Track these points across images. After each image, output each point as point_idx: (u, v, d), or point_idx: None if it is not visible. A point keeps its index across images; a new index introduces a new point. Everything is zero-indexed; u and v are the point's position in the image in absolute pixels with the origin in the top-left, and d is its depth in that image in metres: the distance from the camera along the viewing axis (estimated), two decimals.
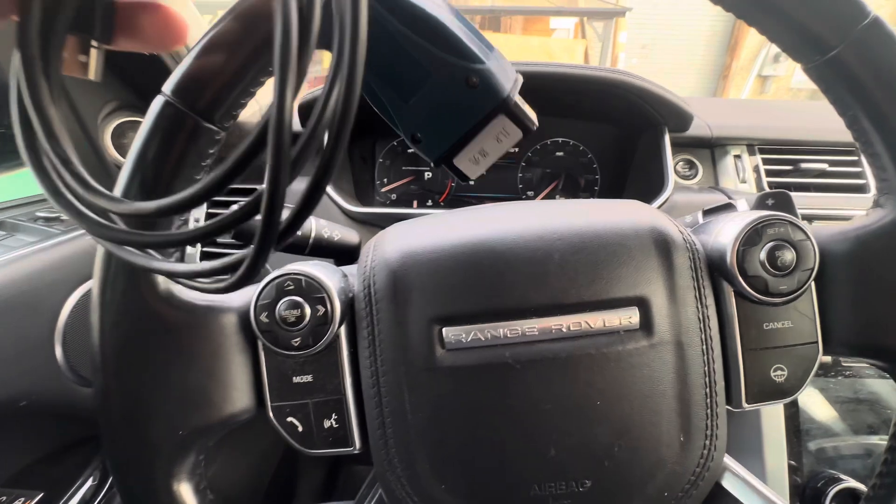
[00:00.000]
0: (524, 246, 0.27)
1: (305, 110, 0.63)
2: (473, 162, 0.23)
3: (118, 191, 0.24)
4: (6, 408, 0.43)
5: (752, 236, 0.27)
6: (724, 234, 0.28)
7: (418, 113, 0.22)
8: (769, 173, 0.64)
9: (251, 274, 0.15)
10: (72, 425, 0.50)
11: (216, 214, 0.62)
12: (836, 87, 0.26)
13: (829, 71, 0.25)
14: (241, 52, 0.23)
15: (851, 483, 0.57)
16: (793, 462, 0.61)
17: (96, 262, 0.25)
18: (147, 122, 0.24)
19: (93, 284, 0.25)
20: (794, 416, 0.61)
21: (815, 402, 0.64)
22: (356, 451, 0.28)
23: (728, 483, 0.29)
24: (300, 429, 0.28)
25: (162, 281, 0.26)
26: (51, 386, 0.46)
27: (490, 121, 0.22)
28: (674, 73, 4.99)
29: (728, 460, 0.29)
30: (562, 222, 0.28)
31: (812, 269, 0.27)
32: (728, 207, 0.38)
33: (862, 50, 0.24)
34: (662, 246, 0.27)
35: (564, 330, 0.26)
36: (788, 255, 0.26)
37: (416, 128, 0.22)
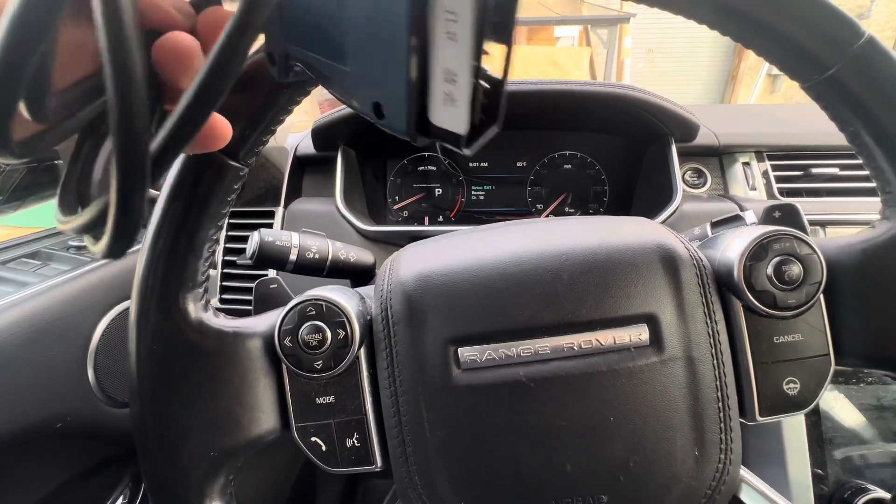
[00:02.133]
0: (534, 267, 0.28)
1: (321, 132, 0.65)
2: (448, 104, 0.14)
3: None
4: (43, 430, 0.45)
5: (758, 251, 0.27)
6: (731, 249, 0.28)
7: (364, 74, 0.16)
8: (779, 179, 0.64)
9: (123, 228, 0.13)
10: (103, 445, 0.52)
11: (236, 238, 0.64)
12: (836, 105, 0.26)
13: (827, 89, 0.26)
14: (261, 94, 0.25)
15: (879, 493, 0.55)
16: (818, 471, 0.59)
17: (133, 295, 0.26)
18: (178, 161, 0.25)
19: (129, 314, 0.27)
20: (816, 424, 0.60)
21: (839, 410, 0.62)
22: (378, 469, 0.29)
23: (746, 497, 0.29)
24: (324, 448, 0.29)
25: (192, 310, 0.27)
26: (84, 407, 0.48)
27: None
28: (681, 76, 4.96)
29: (745, 473, 0.29)
30: (570, 242, 0.29)
31: (820, 283, 0.27)
32: (736, 219, 0.38)
33: (859, 68, 0.25)
34: (669, 263, 0.28)
35: (576, 348, 0.27)
36: (795, 269, 0.27)
37: (371, 95, 0.16)
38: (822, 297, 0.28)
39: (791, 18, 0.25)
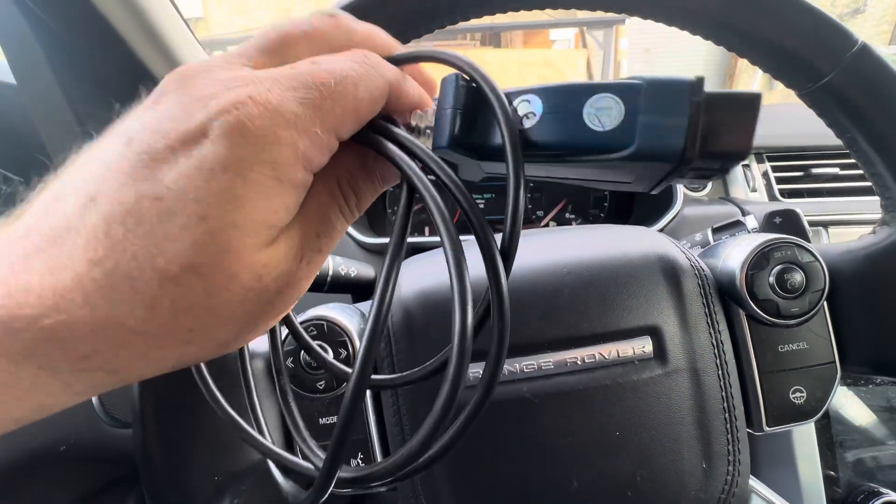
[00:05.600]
0: (535, 281, 0.28)
1: None
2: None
3: None
4: (48, 453, 0.45)
5: (759, 260, 0.27)
6: (732, 258, 0.28)
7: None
8: (779, 180, 0.64)
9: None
10: (107, 466, 0.52)
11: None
12: (832, 112, 0.26)
13: (824, 96, 0.26)
14: None
15: (893, 496, 0.54)
16: (830, 472, 0.59)
17: None
18: None
19: None
20: (826, 427, 0.59)
21: (850, 412, 0.62)
22: (383, 490, 0.29)
23: None
24: None
25: None
26: (88, 429, 0.48)
27: None
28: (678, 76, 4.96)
29: (754, 483, 0.29)
30: (570, 255, 0.29)
31: (822, 290, 0.27)
32: (737, 225, 0.38)
33: (854, 75, 0.25)
34: (671, 274, 0.28)
35: (579, 362, 0.26)
36: (798, 278, 0.27)
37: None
38: (825, 304, 0.28)
39: (784, 28, 0.25)
